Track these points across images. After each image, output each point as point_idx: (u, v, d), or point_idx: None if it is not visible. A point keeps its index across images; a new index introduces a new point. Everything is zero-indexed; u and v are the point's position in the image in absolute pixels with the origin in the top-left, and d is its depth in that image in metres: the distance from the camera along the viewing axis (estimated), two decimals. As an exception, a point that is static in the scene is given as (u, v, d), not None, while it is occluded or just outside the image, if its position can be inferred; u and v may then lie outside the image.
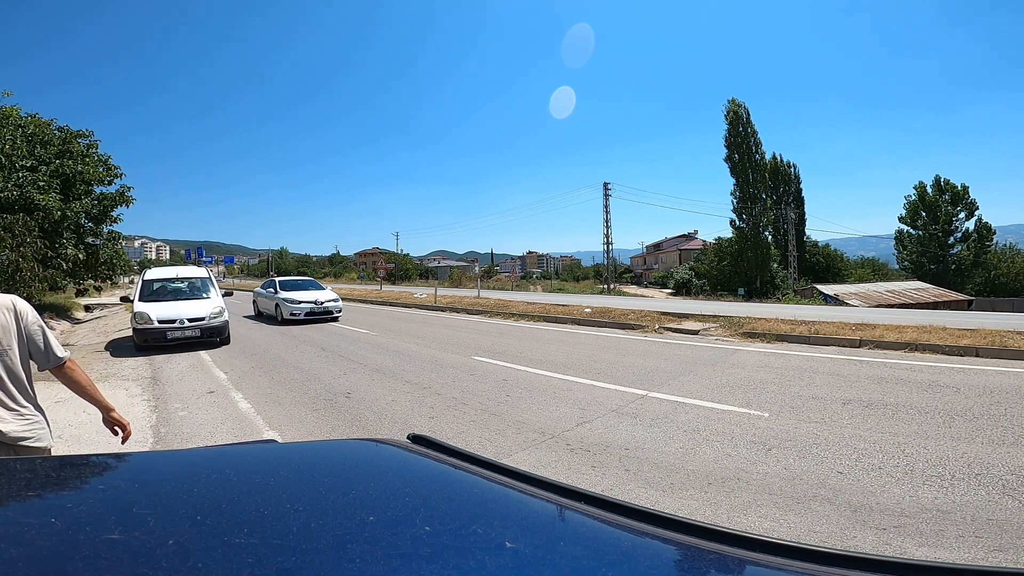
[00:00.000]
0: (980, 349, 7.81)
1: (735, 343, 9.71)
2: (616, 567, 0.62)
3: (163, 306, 10.45)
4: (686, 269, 47.11)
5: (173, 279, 11.94)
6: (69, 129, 16.30)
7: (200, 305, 10.74)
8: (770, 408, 5.27)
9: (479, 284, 35.65)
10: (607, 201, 46.41)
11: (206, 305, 10.77)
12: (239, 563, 0.56)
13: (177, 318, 10.06)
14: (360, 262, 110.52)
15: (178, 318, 10.06)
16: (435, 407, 5.71)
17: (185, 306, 10.56)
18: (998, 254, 45.95)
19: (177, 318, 10.06)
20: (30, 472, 0.96)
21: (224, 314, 10.71)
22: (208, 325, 10.34)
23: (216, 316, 10.52)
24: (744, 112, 38.93)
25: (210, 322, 10.38)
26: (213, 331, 10.42)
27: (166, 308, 10.34)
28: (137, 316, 10.02)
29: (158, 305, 10.49)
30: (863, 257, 61.33)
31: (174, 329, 9.92)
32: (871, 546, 2.69)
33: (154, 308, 10.24)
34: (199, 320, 10.28)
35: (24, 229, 12.43)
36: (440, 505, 0.80)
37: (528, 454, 4.22)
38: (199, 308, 10.56)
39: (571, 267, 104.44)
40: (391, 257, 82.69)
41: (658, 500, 3.32)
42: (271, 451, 1.18)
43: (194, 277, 12.13)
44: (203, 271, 12.76)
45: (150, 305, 10.44)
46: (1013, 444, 4.04)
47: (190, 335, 10.09)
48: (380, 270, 50.00)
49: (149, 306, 10.34)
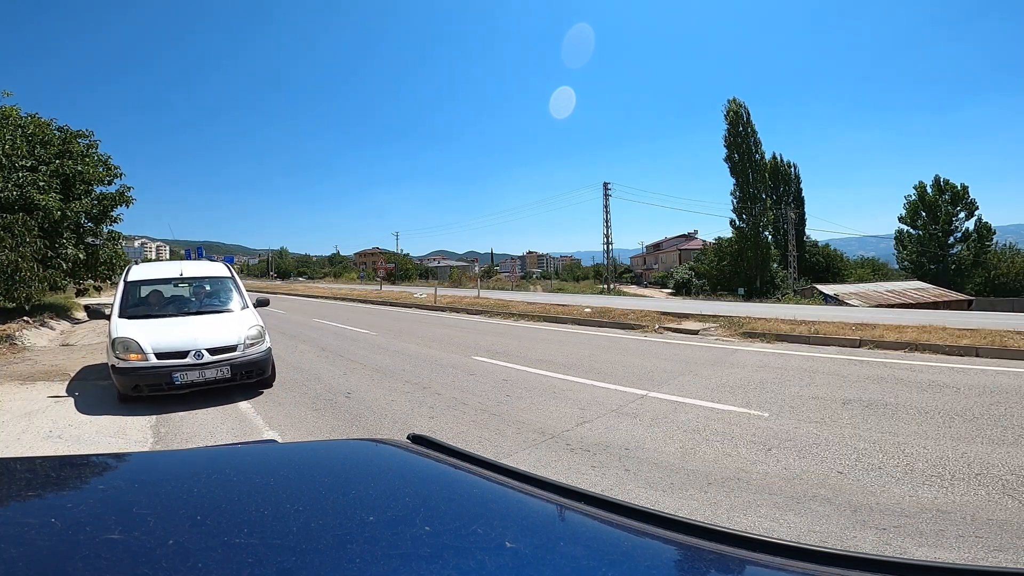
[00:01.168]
0: (980, 349, 7.80)
1: (735, 343, 9.70)
2: (616, 567, 0.62)
3: (162, 327, 6.33)
4: (686, 269, 47.12)
5: (174, 279, 7.66)
6: (69, 129, 16.31)
7: (225, 324, 6.60)
8: (770, 408, 5.27)
9: (479, 284, 35.65)
10: (607, 201, 46.45)
11: (235, 324, 6.60)
12: (239, 563, 0.56)
13: (190, 348, 5.97)
14: (360, 262, 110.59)
15: (191, 348, 5.97)
16: (435, 407, 5.71)
17: (200, 326, 6.42)
18: (998, 254, 45.96)
19: (190, 348, 5.97)
20: (30, 472, 0.96)
21: (265, 338, 6.67)
22: (244, 358, 6.21)
23: (255, 342, 6.45)
24: (744, 112, 38.94)
25: (246, 353, 6.26)
26: (251, 368, 6.30)
27: (168, 331, 6.24)
28: (118, 345, 5.87)
29: (153, 325, 6.33)
30: (863, 257, 61.34)
31: (186, 368, 5.87)
32: (871, 546, 2.69)
33: (147, 331, 6.11)
34: (228, 350, 6.17)
35: (24, 229, 12.43)
36: (440, 505, 0.80)
37: (528, 454, 4.22)
38: (225, 329, 6.43)
39: (571, 267, 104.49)
40: (391, 257, 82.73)
41: (658, 500, 3.32)
42: (271, 451, 1.18)
43: (208, 277, 7.77)
44: (221, 267, 8.14)
45: (139, 325, 6.26)
46: (1013, 444, 4.04)
47: (214, 376, 6.00)
48: (380, 270, 50.05)
49: (137, 327, 6.18)
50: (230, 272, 7.92)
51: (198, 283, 7.69)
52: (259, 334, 6.57)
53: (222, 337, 6.24)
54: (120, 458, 1.02)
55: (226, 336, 6.28)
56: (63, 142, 15.74)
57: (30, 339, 11.61)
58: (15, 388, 6.83)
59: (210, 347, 6.06)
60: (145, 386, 5.79)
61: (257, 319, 6.84)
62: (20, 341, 11.03)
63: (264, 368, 6.52)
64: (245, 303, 7.25)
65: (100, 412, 5.68)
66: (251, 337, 6.41)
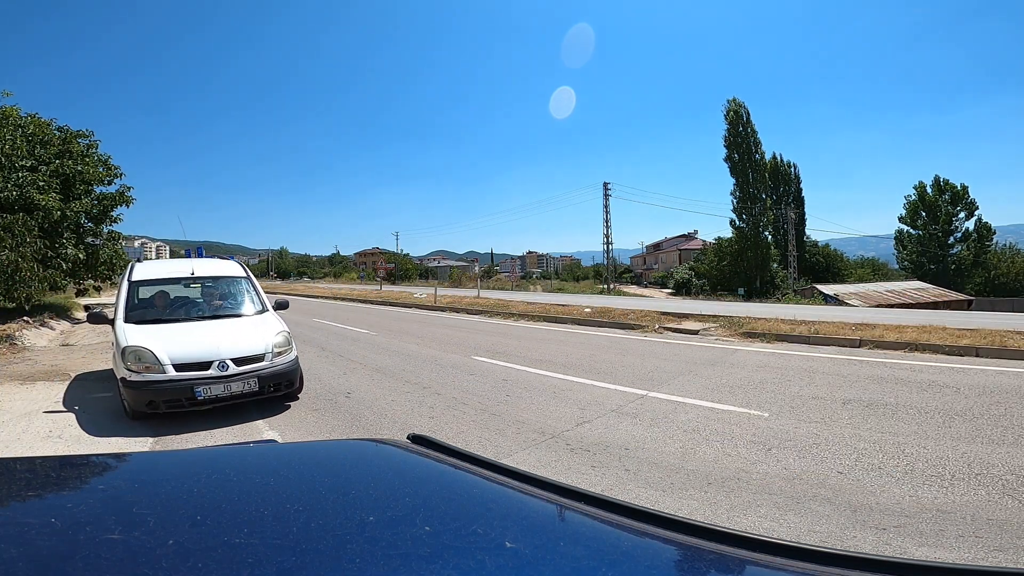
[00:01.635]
0: (980, 349, 7.81)
1: (735, 343, 9.70)
2: (616, 567, 0.62)
3: (177, 334, 5.61)
4: (686, 269, 47.13)
5: (185, 279, 6.85)
6: (69, 129, 16.31)
7: (248, 330, 5.90)
8: (770, 408, 5.27)
9: (479, 284, 35.65)
10: (607, 201, 46.45)
11: (259, 330, 5.90)
12: (239, 563, 0.56)
13: (212, 358, 5.26)
14: (360, 262, 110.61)
15: (214, 358, 5.26)
16: (435, 407, 5.71)
17: (221, 333, 5.72)
18: (998, 254, 45.96)
19: (212, 358, 5.26)
20: (30, 472, 0.96)
21: (293, 346, 6.02)
22: (272, 369, 5.54)
23: (283, 350, 5.77)
24: (744, 112, 38.97)
25: (274, 363, 5.59)
26: (280, 379, 5.63)
27: (186, 338, 5.53)
28: (129, 355, 5.16)
29: (166, 332, 5.61)
30: (863, 257, 61.36)
31: (209, 381, 5.15)
32: (871, 546, 2.69)
33: (161, 339, 5.38)
34: (254, 360, 5.48)
35: (24, 229, 12.42)
36: (440, 505, 0.80)
37: (528, 454, 4.22)
38: (250, 336, 5.74)
39: (571, 267, 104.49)
40: (391, 257, 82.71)
41: (658, 500, 3.32)
42: (271, 451, 1.18)
43: (222, 277, 6.98)
44: (235, 266, 7.34)
45: (151, 332, 5.52)
46: (1013, 444, 4.04)
47: (240, 390, 5.29)
48: (380, 270, 50.06)
49: (149, 334, 5.46)
50: (245, 271, 7.16)
51: (211, 283, 6.88)
52: (286, 341, 5.89)
53: (248, 345, 5.54)
54: (120, 458, 1.02)
55: (252, 344, 5.58)
56: (63, 142, 15.75)
57: (30, 339, 11.62)
58: (15, 388, 6.83)
59: (235, 357, 5.35)
60: (162, 402, 5.05)
61: (282, 324, 6.17)
62: (20, 341, 11.03)
63: (293, 379, 5.85)
64: (264, 306, 6.61)
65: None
66: (278, 345, 5.73)
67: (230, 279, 6.95)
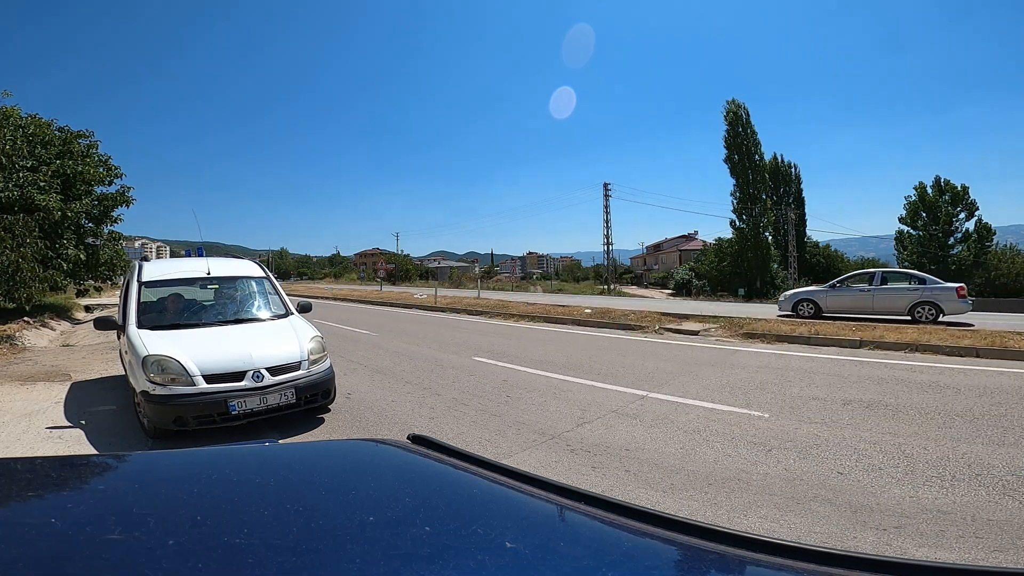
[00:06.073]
0: (980, 349, 7.80)
1: (735, 344, 9.70)
2: (616, 567, 0.62)
3: (202, 340, 5.05)
4: (686, 270, 47.12)
5: (201, 280, 6.23)
6: (69, 129, 16.34)
7: (280, 335, 5.36)
8: (770, 409, 5.27)
9: (479, 285, 35.65)
10: (607, 201, 46.46)
11: (291, 335, 5.37)
12: (239, 563, 0.56)
13: (246, 367, 4.73)
14: (360, 262, 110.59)
15: (248, 367, 4.74)
16: (435, 408, 5.71)
17: (251, 339, 5.18)
18: (998, 254, 45.94)
19: (246, 367, 4.73)
20: (30, 472, 0.96)
21: (327, 355, 5.53)
22: (309, 378, 5.04)
23: (319, 357, 5.30)
24: (744, 112, 38.98)
25: (310, 371, 5.10)
26: (316, 389, 5.12)
27: (214, 346, 4.97)
28: (152, 365, 4.59)
29: (189, 338, 5.05)
30: (863, 257, 61.30)
31: (244, 393, 4.64)
32: (871, 546, 2.69)
33: (186, 347, 4.82)
34: (290, 368, 4.98)
35: (24, 229, 12.43)
36: (440, 505, 0.80)
37: (528, 455, 4.22)
38: (283, 342, 5.21)
39: (571, 268, 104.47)
40: (391, 257, 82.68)
41: (658, 501, 3.32)
42: (271, 451, 1.18)
43: (241, 277, 6.39)
44: (253, 265, 6.76)
45: (173, 339, 4.98)
46: (1013, 445, 4.04)
47: (276, 402, 4.78)
48: (380, 271, 50.02)
49: (171, 341, 4.91)
50: (264, 272, 6.59)
51: (229, 285, 6.28)
52: (321, 347, 5.40)
53: (282, 353, 5.03)
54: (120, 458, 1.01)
55: (287, 351, 5.06)
56: (63, 142, 15.77)
57: (30, 339, 11.62)
58: (15, 388, 6.83)
59: (270, 365, 4.83)
60: (192, 418, 4.49)
61: (313, 328, 5.66)
62: (21, 341, 11.04)
63: (329, 389, 5.36)
64: (288, 308, 6.11)
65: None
66: (313, 351, 5.23)
67: (249, 279, 6.38)
